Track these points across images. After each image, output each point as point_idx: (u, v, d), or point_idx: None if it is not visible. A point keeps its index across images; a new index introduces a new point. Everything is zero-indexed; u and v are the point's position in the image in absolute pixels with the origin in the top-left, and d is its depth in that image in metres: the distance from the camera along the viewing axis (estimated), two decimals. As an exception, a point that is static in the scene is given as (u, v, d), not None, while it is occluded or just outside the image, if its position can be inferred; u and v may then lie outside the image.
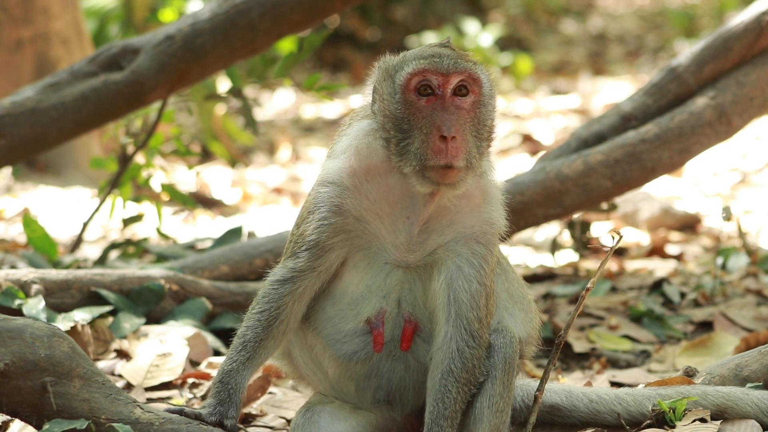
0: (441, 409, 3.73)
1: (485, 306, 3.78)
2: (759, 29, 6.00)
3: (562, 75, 17.10)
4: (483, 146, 3.74)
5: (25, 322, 3.77)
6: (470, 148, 3.68)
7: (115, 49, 6.20)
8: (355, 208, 3.78)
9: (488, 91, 3.75)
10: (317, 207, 3.80)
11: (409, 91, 3.70)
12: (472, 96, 3.71)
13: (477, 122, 3.71)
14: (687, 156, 6.08)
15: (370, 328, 3.81)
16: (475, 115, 3.71)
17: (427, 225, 3.79)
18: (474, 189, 3.80)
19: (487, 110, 3.74)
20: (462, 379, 3.74)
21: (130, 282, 5.42)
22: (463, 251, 3.78)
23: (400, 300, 3.82)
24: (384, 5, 17.35)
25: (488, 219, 3.82)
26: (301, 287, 3.82)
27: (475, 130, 3.71)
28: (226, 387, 3.78)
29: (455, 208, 3.79)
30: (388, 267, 3.81)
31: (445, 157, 3.63)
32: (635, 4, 23.45)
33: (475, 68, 3.72)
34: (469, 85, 3.71)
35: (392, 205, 3.78)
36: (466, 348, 3.75)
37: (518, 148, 12.14)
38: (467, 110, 3.70)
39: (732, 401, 4.01)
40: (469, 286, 3.76)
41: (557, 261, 7.13)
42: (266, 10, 6.10)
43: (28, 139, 6.08)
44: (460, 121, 3.67)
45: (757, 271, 6.64)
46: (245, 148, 12.73)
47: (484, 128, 3.74)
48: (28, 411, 3.74)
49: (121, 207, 6.88)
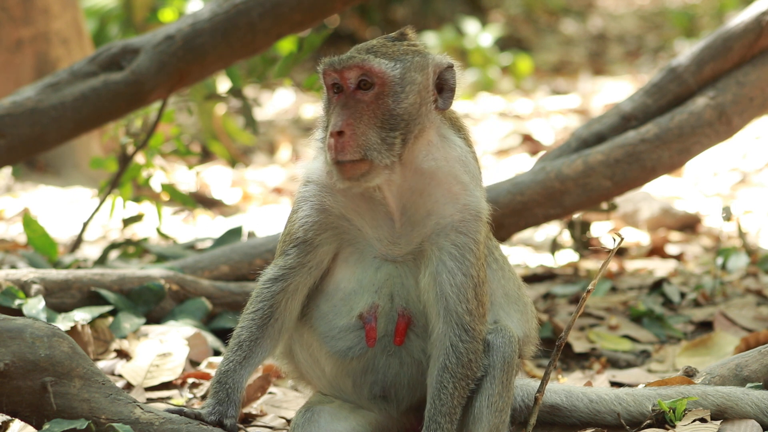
0: (438, 406, 3.73)
1: (474, 297, 3.75)
2: (759, 29, 6.00)
3: (562, 75, 17.10)
4: (392, 137, 3.69)
5: (25, 322, 3.77)
6: (370, 141, 3.67)
7: (115, 49, 6.20)
8: (335, 206, 3.82)
9: (396, 80, 3.71)
10: (300, 206, 3.85)
11: (327, 90, 3.77)
12: (375, 88, 3.70)
13: (382, 113, 3.70)
14: (687, 156, 6.08)
15: (363, 324, 3.82)
16: (378, 107, 3.70)
17: (406, 217, 3.79)
18: (446, 176, 3.78)
19: (396, 100, 3.70)
20: (458, 374, 3.74)
21: (130, 282, 5.42)
22: (445, 244, 3.76)
23: (393, 295, 3.82)
24: (384, 5, 17.35)
25: (465, 205, 3.79)
26: (292, 284, 3.84)
27: (379, 122, 3.69)
28: (224, 387, 3.79)
29: (431, 197, 3.77)
30: (377, 261, 3.82)
31: (333, 152, 3.67)
32: (635, 4, 23.45)
33: (371, 61, 3.69)
34: (369, 77, 3.70)
35: (368, 201, 3.80)
36: (460, 343, 3.74)
37: (518, 148, 12.14)
38: (368, 103, 3.70)
39: (732, 401, 4.01)
40: (454, 279, 3.74)
41: (557, 261, 7.13)
42: (266, 10, 6.10)
43: (28, 139, 6.08)
44: (356, 115, 3.68)
45: (757, 271, 6.65)
46: (245, 148, 12.74)
47: (393, 118, 3.70)
48: (28, 411, 3.74)
49: (121, 207, 6.88)
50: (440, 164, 3.77)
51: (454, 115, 3.90)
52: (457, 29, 16.42)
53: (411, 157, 3.74)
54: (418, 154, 3.74)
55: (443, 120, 3.82)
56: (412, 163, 3.75)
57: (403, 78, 3.71)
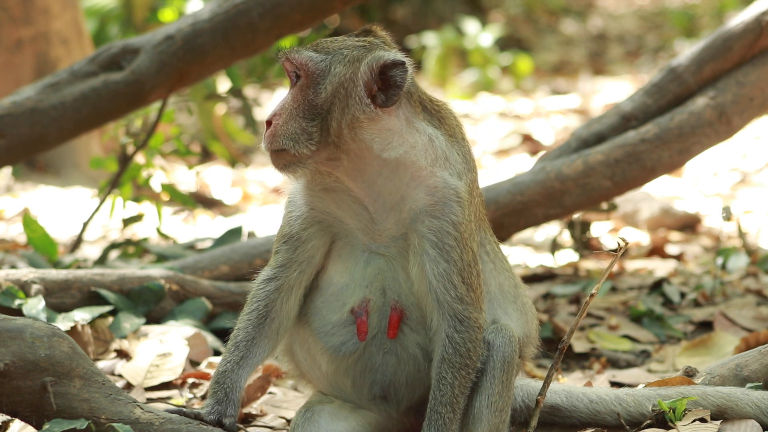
0: (438, 396, 3.73)
1: (462, 282, 3.74)
2: (759, 29, 6.00)
3: (562, 75, 17.11)
4: (310, 126, 3.74)
5: (25, 322, 3.77)
6: (289, 131, 3.74)
7: (115, 49, 6.20)
8: (318, 201, 3.85)
9: (318, 72, 3.76)
10: (288, 203, 3.92)
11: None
12: (302, 79, 3.78)
13: (304, 104, 3.75)
14: (687, 156, 6.08)
15: (354, 318, 3.83)
16: (302, 97, 3.76)
17: (379, 204, 3.80)
18: (412, 161, 3.77)
19: (315, 91, 3.75)
20: (456, 364, 3.73)
21: (130, 282, 5.42)
22: (423, 231, 3.76)
23: (385, 289, 3.83)
24: (384, 5, 17.35)
25: (434, 187, 3.78)
26: (286, 282, 3.87)
27: (301, 112, 3.75)
28: (222, 387, 3.80)
29: (402, 182, 3.77)
30: (366, 255, 3.83)
31: (263, 142, 3.79)
32: (635, 4, 23.46)
33: (297, 53, 3.76)
34: (297, 69, 3.78)
35: (338, 192, 3.83)
36: (455, 333, 3.74)
37: (518, 148, 12.14)
38: (296, 93, 3.77)
39: (732, 401, 4.01)
40: (437, 268, 3.74)
41: (557, 261, 7.13)
42: (266, 10, 6.10)
43: (28, 139, 6.08)
44: (284, 105, 3.77)
45: (757, 271, 6.65)
46: (245, 148, 12.74)
47: (313, 108, 3.74)
48: (28, 411, 3.74)
49: (121, 207, 6.88)
50: (406, 149, 3.76)
51: (435, 105, 3.89)
52: (457, 29, 16.42)
53: (361, 146, 3.74)
54: (372, 143, 3.74)
55: (414, 109, 3.81)
56: (366, 151, 3.75)
57: (325, 70, 3.76)
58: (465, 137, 3.92)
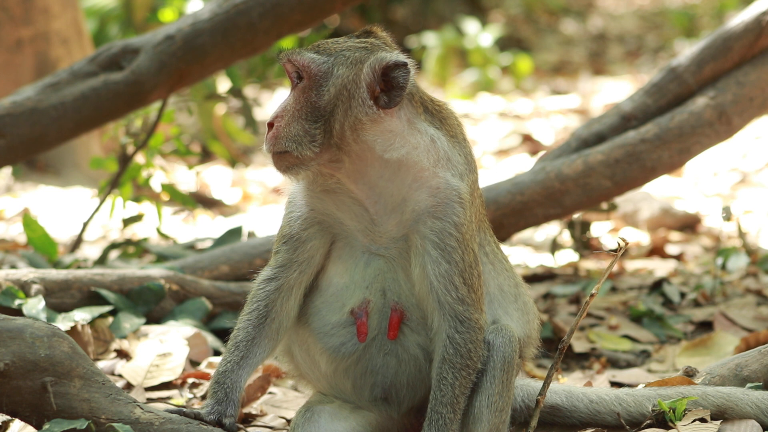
0: (439, 397, 3.73)
1: (463, 283, 3.74)
2: (759, 29, 6.00)
3: (562, 75, 17.11)
4: (314, 128, 3.73)
5: (25, 322, 3.76)
6: (292, 133, 3.74)
7: (115, 49, 6.20)
8: (319, 202, 3.85)
9: (321, 74, 3.75)
10: (289, 203, 3.92)
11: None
12: (304, 80, 3.76)
13: (306, 105, 3.75)
14: (687, 156, 6.08)
15: (354, 319, 3.83)
16: (305, 99, 3.75)
17: (380, 205, 3.80)
18: (414, 162, 3.77)
19: (318, 93, 3.75)
20: (457, 364, 3.73)
21: (130, 282, 5.42)
22: (425, 231, 3.76)
23: (385, 290, 3.83)
24: (384, 5, 17.35)
25: (437, 188, 3.78)
26: (286, 283, 3.87)
27: (303, 114, 3.74)
28: (222, 387, 3.80)
29: (404, 184, 3.77)
30: (366, 256, 3.83)
31: (265, 143, 3.77)
32: (635, 4, 23.46)
33: (299, 55, 3.76)
34: (299, 70, 3.77)
35: (339, 193, 3.83)
36: (456, 334, 3.74)
37: (518, 148, 12.14)
38: (298, 95, 3.77)
39: (732, 401, 4.01)
40: (439, 269, 3.74)
41: (557, 261, 7.13)
42: (266, 10, 6.10)
43: (28, 139, 6.08)
44: (286, 107, 3.76)
45: (757, 271, 6.65)
46: (245, 148, 12.74)
47: (316, 110, 3.74)
48: (28, 411, 3.74)
49: (121, 207, 6.88)
50: (408, 150, 3.76)
51: (437, 106, 3.89)
52: (457, 29, 16.42)
53: (363, 147, 3.74)
54: (375, 145, 3.74)
55: (415, 110, 3.81)
56: (368, 153, 3.74)
57: (328, 72, 3.75)
58: (466, 138, 3.92)
